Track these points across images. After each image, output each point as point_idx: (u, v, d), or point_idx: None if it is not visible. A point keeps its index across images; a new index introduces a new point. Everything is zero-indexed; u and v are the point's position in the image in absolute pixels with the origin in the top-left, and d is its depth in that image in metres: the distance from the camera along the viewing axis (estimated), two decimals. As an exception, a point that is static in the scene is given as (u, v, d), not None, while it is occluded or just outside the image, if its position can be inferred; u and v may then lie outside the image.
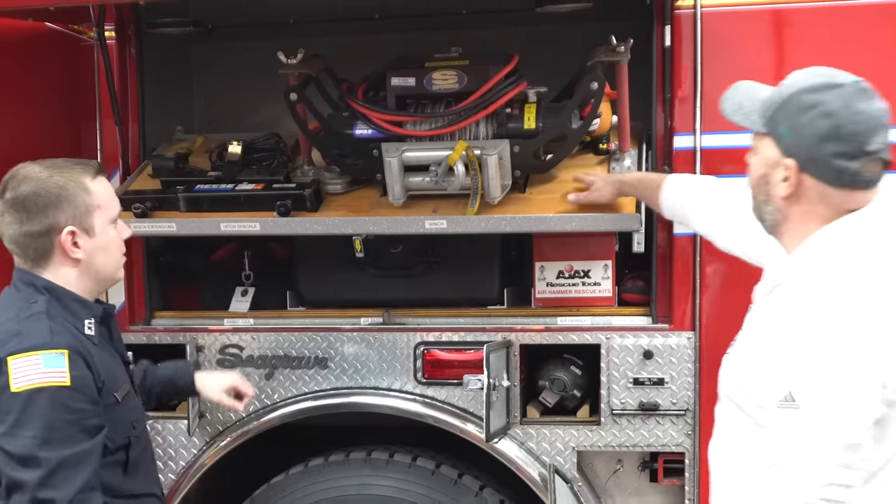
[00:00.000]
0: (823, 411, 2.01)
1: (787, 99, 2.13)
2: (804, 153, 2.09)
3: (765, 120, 2.17)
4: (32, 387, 2.37)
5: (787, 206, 2.16)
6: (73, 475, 2.39)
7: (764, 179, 2.19)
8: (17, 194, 2.50)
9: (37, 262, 2.56)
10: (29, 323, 2.46)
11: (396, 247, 3.58)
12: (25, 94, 3.54)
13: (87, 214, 2.54)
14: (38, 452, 2.36)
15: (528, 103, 3.28)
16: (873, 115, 2.08)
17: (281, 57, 3.31)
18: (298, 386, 3.60)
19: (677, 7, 3.30)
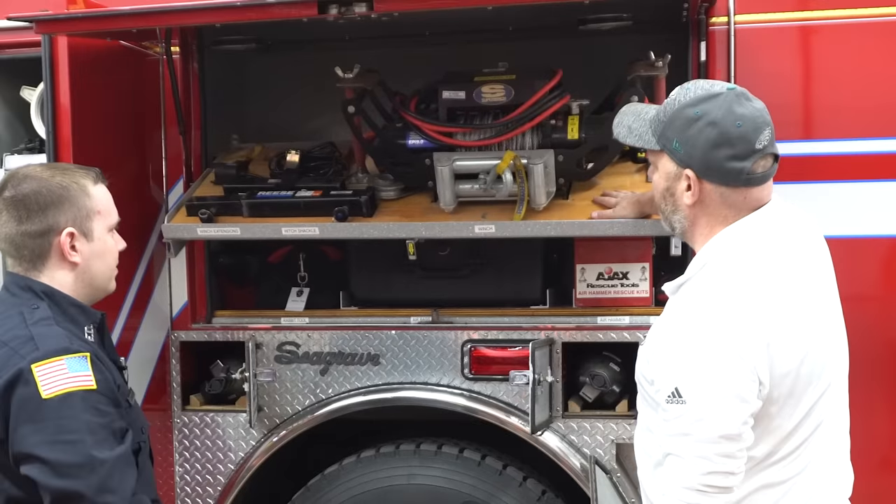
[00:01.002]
0: (704, 406, 2.15)
1: (672, 116, 2.27)
2: (699, 162, 2.24)
3: (657, 138, 2.31)
4: (63, 391, 2.28)
5: (694, 212, 2.31)
6: (125, 476, 2.33)
7: (669, 192, 2.34)
8: (18, 192, 2.44)
9: (32, 264, 2.48)
10: (39, 328, 2.36)
11: (444, 249, 3.74)
12: (101, 105, 3.72)
13: (87, 218, 2.50)
14: (94, 453, 2.27)
15: (572, 115, 3.44)
16: (754, 115, 2.23)
17: (338, 72, 3.49)
18: (351, 381, 3.75)
19: (712, 23, 3.46)
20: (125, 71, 3.86)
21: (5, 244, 2.49)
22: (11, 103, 4.01)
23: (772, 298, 2.21)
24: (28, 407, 2.28)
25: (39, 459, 2.25)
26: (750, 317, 2.18)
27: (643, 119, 2.38)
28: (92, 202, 2.52)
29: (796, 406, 2.23)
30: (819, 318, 2.30)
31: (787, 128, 3.44)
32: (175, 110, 3.80)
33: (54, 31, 3.38)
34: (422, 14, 3.34)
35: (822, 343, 2.28)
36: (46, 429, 2.26)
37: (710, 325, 2.19)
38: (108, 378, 2.42)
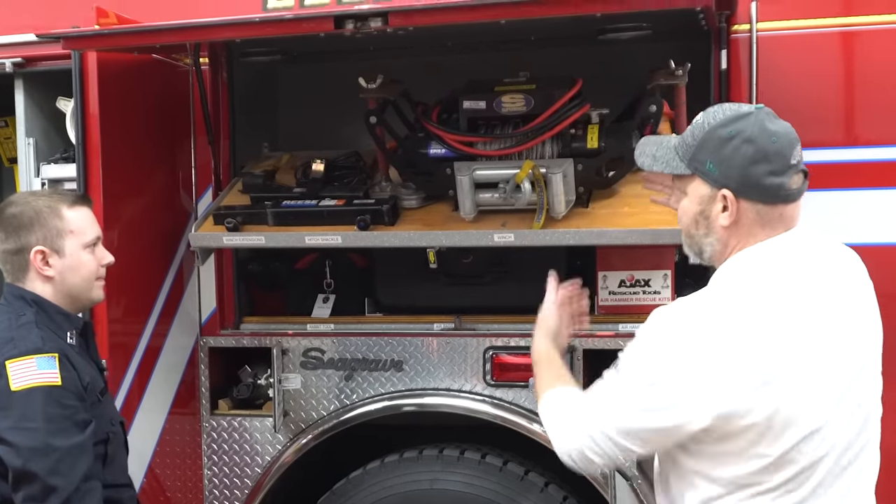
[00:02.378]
0: (630, 387, 2.21)
1: (703, 138, 2.25)
2: (736, 180, 2.22)
3: (686, 162, 2.29)
4: (29, 386, 2.65)
5: (728, 233, 2.28)
6: (76, 464, 2.65)
7: (703, 215, 2.29)
8: (3, 215, 2.85)
9: (17, 278, 2.86)
10: (21, 331, 2.74)
11: (467, 257, 3.78)
12: (131, 115, 3.81)
13: (58, 237, 2.85)
14: (51, 440, 2.62)
15: (591, 124, 3.45)
16: (785, 132, 2.23)
17: (362, 82, 3.54)
18: (375, 387, 3.81)
19: (733, 31, 3.45)
20: (155, 82, 3.94)
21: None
22: (48, 114, 4.11)
23: (760, 326, 2.14)
24: (0, 397, 2.66)
25: (5, 441, 2.65)
26: (727, 337, 2.13)
27: (666, 147, 2.37)
28: (63, 223, 2.87)
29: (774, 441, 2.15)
30: (816, 360, 2.17)
31: (812, 135, 3.43)
32: (204, 120, 3.88)
33: (82, 47, 3.48)
34: (442, 26, 3.38)
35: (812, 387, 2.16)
36: (12, 416, 2.65)
37: (679, 338, 2.17)
38: (75, 376, 2.75)
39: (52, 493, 2.61)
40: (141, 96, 3.89)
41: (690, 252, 2.42)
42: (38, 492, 2.61)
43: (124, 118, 3.78)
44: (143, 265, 3.89)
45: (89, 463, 2.70)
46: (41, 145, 4.11)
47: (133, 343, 3.88)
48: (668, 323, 2.23)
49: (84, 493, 2.66)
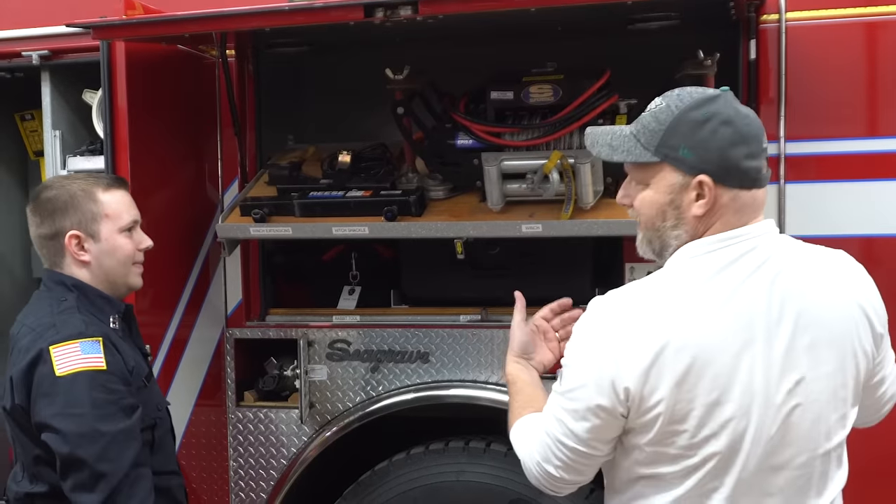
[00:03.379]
0: (566, 398, 2.18)
1: (673, 122, 2.11)
2: (715, 164, 2.09)
3: (653, 150, 2.14)
4: (74, 370, 2.59)
5: (700, 223, 2.14)
6: (125, 449, 2.61)
7: (673, 205, 2.14)
8: (38, 199, 2.82)
9: (54, 263, 2.83)
10: (63, 316, 2.69)
11: (494, 249, 3.77)
12: (158, 107, 3.82)
13: (92, 221, 2.81)
14: (98, 426, 2.57)
15: (620, 114, 3.44)
16: (753, 115, 2.16)
17: (388, 73, 3.54)
18: (401, 379, 3.80)
19: (762, 21, 3.44)
20: (182, 74, 3.94)
21: (36, 245, 2.86)
22: (74, 106, 4.13)
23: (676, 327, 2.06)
24: (45, 383, 2.61)
25: (52, 428, 2.59)
26: (639, 335, 2.07)
27: (622, 135, 2.21)
28: (98, 207, 2.82)
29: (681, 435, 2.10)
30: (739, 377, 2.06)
31: (842, 126, 3.44)
32: (230, 112, 3.88)
33: (111, 37, 3.48)
34: (470, 15, 3.37)
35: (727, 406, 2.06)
36: (58, 402, 2.59)
37: (601, 329, 2.14)
38: (120, 360, 2.71)
39: (101, 480, 2.55)
40: (168, 88, 3.90)
41: (648, 248, 2.28)
42: (88, 478, 2.56)
43: (151, 110, 3.79)
44: (170, 257, 3.90)
45: (138, 448, 2.65)
46: (67, 138, 4.13)
47: (160, 335, 3.89)
48: (593, 310, 2.20)
49: (134, 480, 2.60)
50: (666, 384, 2.05)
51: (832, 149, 3.45)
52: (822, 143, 3.45)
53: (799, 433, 2.11)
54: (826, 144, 3.45)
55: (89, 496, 2.56)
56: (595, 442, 2.17)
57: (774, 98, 3.41)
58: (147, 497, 2.65)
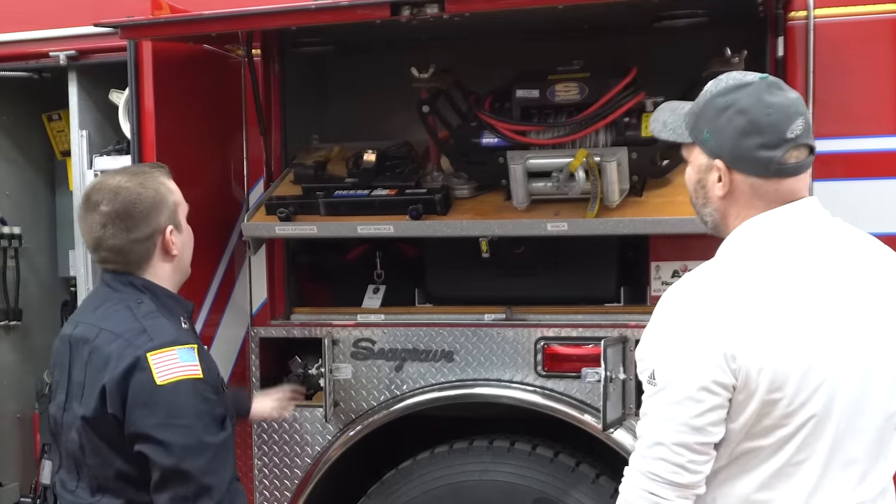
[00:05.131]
0: (671, 391, 2.12)
1: (703, 106, 2.23)
2: (728, 151, 2.18)
3: (689, 130, 2.28)
4: (176, 379, 2.48)
5: (725, 204, 2.25)
6: (226, 461, 2.55)
7: (700, 184, 2.29)
8: (117, 206, 2.61)
9: (138, 266, 2.67)
10: (149, 321, 2.57)
11: (519, 247, 3.76)
12: (184, 107, 3.84)
13: (175, 212, 2.72)
14: (205, 437, 2.48)
15: (646, 112, 3.43)
16: (785, 104, 2.16)
17: (414, 72, 3.54)
18: (426, 377, 3.79)
19: (790, 18, 3.42)
20: (208, 74, 3.96)
21: (113, 253, 2.66)
22: (101, 106, 4.16)
23: (767, 296, 2.11)
24: (143, 391, 2.47)
25: (153, 439, 2.46)
26: (735, 307, 2.10)
27: (678, 114, 2.34)
28: (175, 196, 2.74)
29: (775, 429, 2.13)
30: (825, 340, 2.13)
31: (870, 124, 3.41)
32: (256, 112, 3.90)
33: (139, 36, 3.51)
34: (496, 14, 3.37)
35: (819, 369, 2.11)
36: (159, 412, 2.46)
37: (692, 308, 2.15)
38: (212, 369, 2.64)
39: (205, 494, 2.47)
40: (194, 88, 3.91)
41: (699, 222, 2.40)
42: (192, 492, 2.46)
43: (178, 110, 3.80)
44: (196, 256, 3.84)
45: (234, 461, 2.60)
46: (94, 138, 4.16)
47: (185, 333, 3.90)
48: (677, 296, 2.20)
49: (233, 494, 2.56)
50: (767, 352, 2.09)
51: (860, 146, 3.42)
52: (850, 140, 3.42)
53: (876, 394, 2.18)
54: (854, 142, 3.43)
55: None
56: (711, 427, 2.13)
57: (802, 95, 3.36)
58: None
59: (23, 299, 4.64)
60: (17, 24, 4.14)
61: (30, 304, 4.68)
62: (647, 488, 2.15)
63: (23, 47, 4.13)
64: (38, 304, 4.74)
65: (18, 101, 4.58)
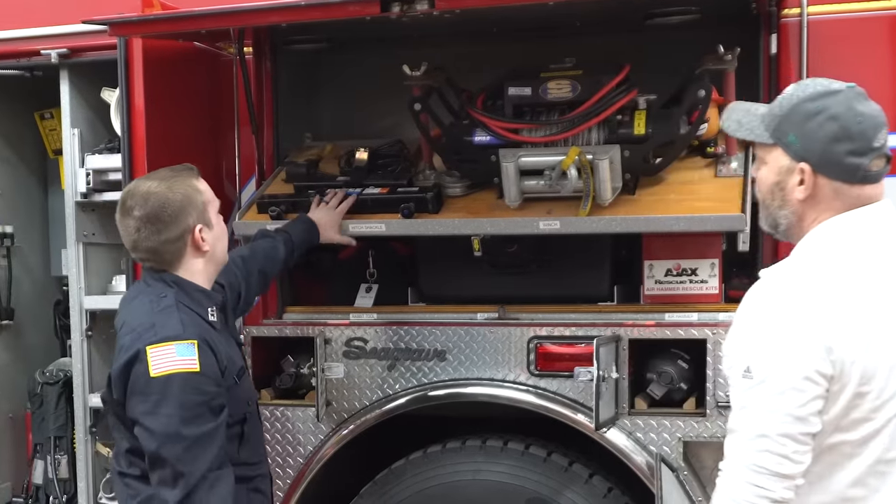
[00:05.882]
0: (771, 383, 2.15)
1: (790, 110, 2.28)
2: (817, 156, 2.24)
3: (770, 132, 2.32)
4: (168, 372, 2.71)
5: (803, 207, 2.31)
6: (206, 451, 2.73)
7: (779, 186, 2.33)
8: (149, 210, 2.83)
9: (171, 264, 2.90)
10: (161, 316, 2.79)
11: (512, 246, 3.73)
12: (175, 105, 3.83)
13: (205, 211, 2.92)
14: (182, 429, 2.70)
15: (639, 110, 3.42)
16: (873, 114, 2.25)
17: (406, 69, 3.52)
18: (418, 377, 3.78)
19: (783, 15, 3.41)
20: (199, 72, 3.96)
21: (147, 254, 2.90)
22: (92, 104, 4.15)
23: (859, 291, 2.19)
24: (139, 382, 2.74)
25: (142, 425, 2.74)
26: (831, 300, 2.17)
27: (753, 114, 2.39)
28: (203, 196, 2.94)
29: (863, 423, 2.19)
30: None
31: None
32: (248, 110, 3.89)
33: (128, 33, 3.50)
34: (487, 11, 3.35)
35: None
36: (149, 401, 2.72)
37: (787, 303, 2.19)
38: (213, 361, 2.81)
39: (180, 479, 2.69)
40: (185, 86, 3.91)
41: (765, 225, 2.44)
42: (169, 476, 2.71)
43: (169, 108, 3.81)
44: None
45: (217, 451, 2.77)
46: (86, 136, 4.16)
47: (177, 332, 3.89)
48: (770, 290, 2.24)
49: (213, 482, 2.74)
50: (860, 345, 2.15)
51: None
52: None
53: None
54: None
55: (170, 492, 2.72)
56: (812, 417, 2.17)
57: (795, 93, 3.36)
58: (227, 497, 2.78)
59: (15, 298, 4.64)
60: (8, 22, 4.12)
61: (22, 303, 4.67)
62: (752, 481, 2.17)
63: (14, 45, 4.12)
64: (30, 304, 4.72)
65: (10, 99, 4.56)
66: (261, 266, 3.37)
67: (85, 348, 4.13)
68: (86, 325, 4.13)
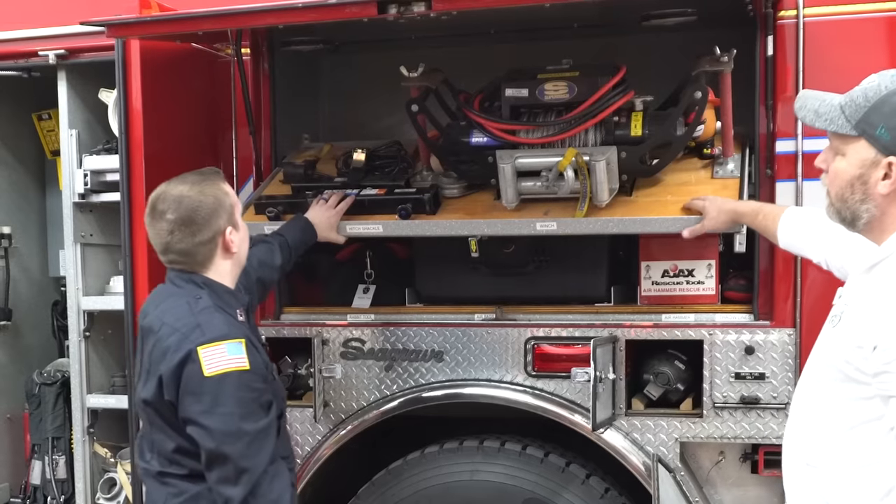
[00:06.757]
0: None
1: (879, 101, 2.20)
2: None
3: (853, 123, 2.24)
4: (222, 371, 2.76)
5: (887, 200, 2.25)
6: (265, 446, 2.80)
7: (861, 180, 2.26)
8: (182, 213, 2.87)
9: (202, 265, 2.94)
10: (203, 316, 2.84)
11: (509, 247, 3.75)
12: (173, 106, 3.83)
13: (232, 213, 2.97)
14: (242, 425, 2.75)
15: (635, 111, 3.42)
16: None
17: (403, 71, 3.52)
18: (416, 378, 3.79)
19: (780, 17, 3.40)
20: (197, 73, 3.96)
21: (180, 256, 2.93)
22: (90, 105, 4.15)
23: None
24: (192, 381, 2.77)
25: (199, 424, 2.77)
26: None
27: (831, 104, 2.30)
28: (230, 198, 2.98)
29: None
30: None
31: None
32: (245, 111, 3.89)
33: (125, 34, 3.50)
34: (485, 13, 3.35)
35: None
36: (204, 401, 2.76)
37: None
38: (259, 359, 2.89)
39: (244, 474, 2.74)
40: (183, 87, 3.91)
41: (837, 217, 2.36)
42: (232, 473, 2.74)
43: (166, 109, 3.81)
44: (185, 255, 3.91)
45: (273, 445, 2.83)
46: (84, 137, 4.15)
47: (175, 333, 3.89)
48: None
49: (272, 476, 2.80)
50: None
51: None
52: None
53: None
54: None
55: (233, 489, 2.75)
56: None
57: (792, 95, 3.37)
58: (285, 490, 2.85)
59: (13, 299, 4.64)
60: (6, 22, 4.12)
61: (20, 303, 4.68)
62: None
63: (12, 46, 4.11)
64: (28, 304, 4.73)
65: (8, 100, 4.57)
66: (259, 275, 3.37)
67: (83, 349, 4.12)
68: (83, 326, 4.12)
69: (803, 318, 3.36)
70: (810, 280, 3.36)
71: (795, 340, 3.38)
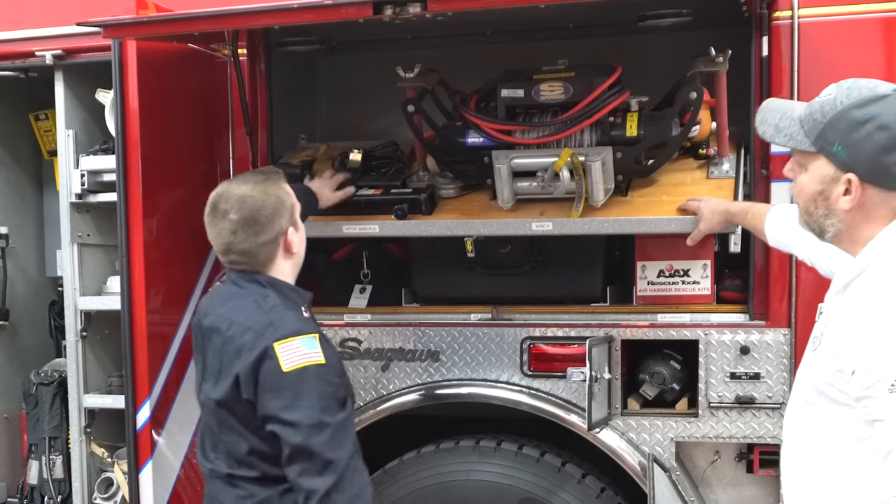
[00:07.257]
0: None
1: (834, 117, 2.14)
2: (865, 167, 2.12)
3: (812, 139, 2.18)
4: (300, 366, 2.73)
5: (851, 216, 2.19)
6: (347, 437, 2.78)
7: (823, 195, 2.21)
8: (245, 213, 2.84)
9: (264, 265, 2.91)
10: (275, 314, 2.81)
11: (505, 247, 3.76)
12: (169, 107, 3.84)
13: (293, 212, 2.95)
14: (323, 417, 2.72)
15: (631, 112, 3.44)
16: None
17: (399, 71, 3.53)
18: (412, 378, 3.80)
19: (775, 18, 3.41)
20: (193, 73, 3.96)
21: (242, 256, 2.90)
22: (87, 106, 4.14)
23: None
24: (272, 378, 2.74)
25: (281, 420, 2.73)
26: None
27: (791, 117, 2.25)
28: (291, 198, 2.96)
29: None
30: None
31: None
32: (242, 111, 3.90)
33: (122, 35, 3.50)
34: (481, 13, 3.36)
35: None
36: (285, 396, 2.73)
37: None
38: (333, 354, 2.89)
39: (329, 467, 2.71)
40: (179, 88, 3.91)
41: (807, 228, 2.33)
42: (317, 466, 2.71)
43: (163, 109, 3.80)
44: (181, 256, 3.91)
45: (353, 438, 2.82)
46: (80, 137, 4.15)
47: (171, 334, 3.91)
48: None
49: (354, 470, 2.77)
50: None
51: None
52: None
53: None
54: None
55: (318, 480, 2.70)
56: None
57: (787, 95, 3.38)
58: (367, 485, 2.83)
59: (10, 299, 4.63)
60: (3, 23, 4.12)
61: (17, 303, 4.67)
62: None
63: (9, 46, 4.11)
64: (25, 304, 4.72)
65: (5, 100, 4.56)
66: None
67: (80, 349, 4.12)
68: (80, 326, 4.12)
69: (798, 318, 3.37)
70: (805, 280, 3.36)
71: (790, 340, 3.39)
